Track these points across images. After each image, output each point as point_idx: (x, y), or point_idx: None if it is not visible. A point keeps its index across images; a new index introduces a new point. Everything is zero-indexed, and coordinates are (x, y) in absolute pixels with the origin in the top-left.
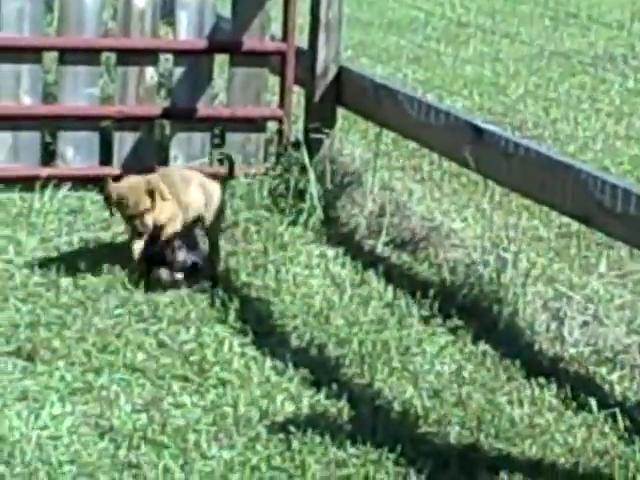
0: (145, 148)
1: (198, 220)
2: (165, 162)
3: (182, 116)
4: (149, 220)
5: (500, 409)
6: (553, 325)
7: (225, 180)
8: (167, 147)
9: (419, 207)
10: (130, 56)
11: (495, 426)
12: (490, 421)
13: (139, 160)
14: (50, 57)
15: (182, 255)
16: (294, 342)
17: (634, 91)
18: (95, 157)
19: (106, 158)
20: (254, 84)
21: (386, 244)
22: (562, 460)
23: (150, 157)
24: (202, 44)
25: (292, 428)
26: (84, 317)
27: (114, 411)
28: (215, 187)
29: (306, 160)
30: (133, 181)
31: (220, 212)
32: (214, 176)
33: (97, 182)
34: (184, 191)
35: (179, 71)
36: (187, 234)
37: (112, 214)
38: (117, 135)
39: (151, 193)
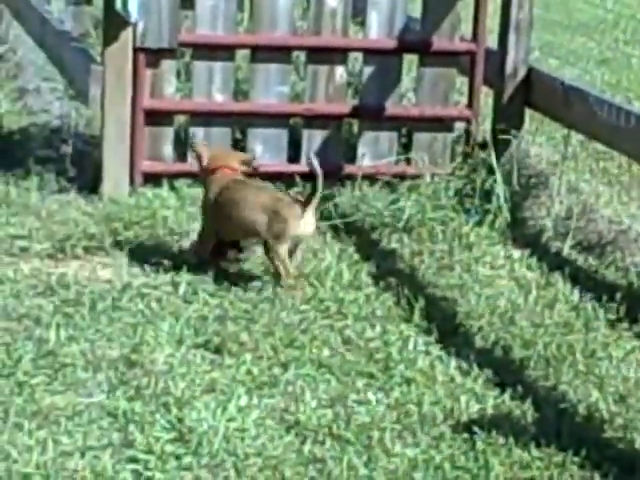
0: (333, 146)
1: None
2: (352, 160)
3: (371, 115)
4: None
5: None
6: None
7: None
8: (355, 145)
9: (606, 210)
10: (320, 55)
11: None
12: None
13: (326, 158)
14: (241, 55)
15: None
16: (479, 342)
17: None
18: (283, 154)
19: (294, 155)
20: (443, 84)
21: (573, 247)
22: None
23: (338, 155)
24: (392, 44)
25: (476, 428)
26: (271, 312)
27: (299, 406)
28: None
29: (493, 161)
30: None
31: None
32: (401, 176)
33: (285, 179)
34: None
35: (368, 70)
36: None
37: None
38: (306, 133)
39: None
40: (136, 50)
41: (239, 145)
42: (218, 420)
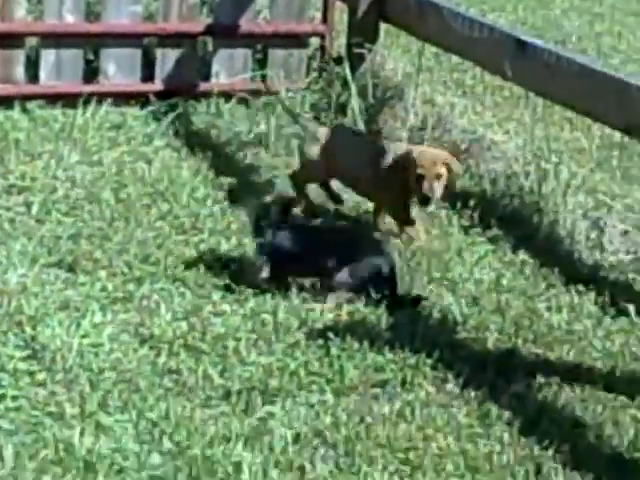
0: (187, 65)
1: None
2: (207, 78)
3: (225, 33)
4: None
5: (538, 315)
6: (593, 234)
7: None
8: (209, 63)
9: (461, 120)
10: None
11: (533, 332)
12: (528, 327)
13: (181, 77)
14: None
15: None
16: None
17: None
18: (137, 74)
19: (148, 75)
20: (297, 0)
21: None
22: (599, 365)
23: (192, 74)
24: None
25: (331, 335)
26: (126, 229)
27: (154, 320)
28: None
29: (348, 75)
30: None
31: None
32: (256, 92)
33: (139, 98)
34: None
35: None
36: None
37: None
38: (159, 52)
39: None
40: None
41: (92, 66)
42: (72, 336)
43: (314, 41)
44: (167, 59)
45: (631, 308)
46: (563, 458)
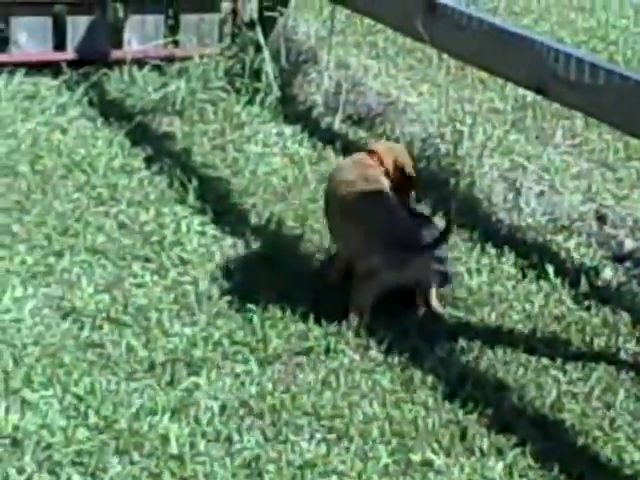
0: (98, 32)
1: None
2: (119, 46)
3: None
4: None
5: (459, 278)
6: (510, 195)
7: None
8: (121, 30)
9: (375, 83)
10: None
11: (454, 295)
12: (449, 291)
13: (93, 45)
14: None
15: None
16: (254, 220)
17: None
18: (49, 42)
19: (60, 43)
20: None
21: (343, 121)
22: (520, 326)
23: (104, 41)
24: None
25: (253, 305)
26: (43, 202)
27: (76, 292)
28: None
29: (261, 39)
30: None
31: None
32: (170, 59)
33: (51, 68)
34: None
35: None
36: None
37: None
38: (70, 19)
39: None
40: None
41: (2, 35)
42: None
43: (226, 5)
44: (78, 27)
45: (550, 269)
46: (487, 421)
